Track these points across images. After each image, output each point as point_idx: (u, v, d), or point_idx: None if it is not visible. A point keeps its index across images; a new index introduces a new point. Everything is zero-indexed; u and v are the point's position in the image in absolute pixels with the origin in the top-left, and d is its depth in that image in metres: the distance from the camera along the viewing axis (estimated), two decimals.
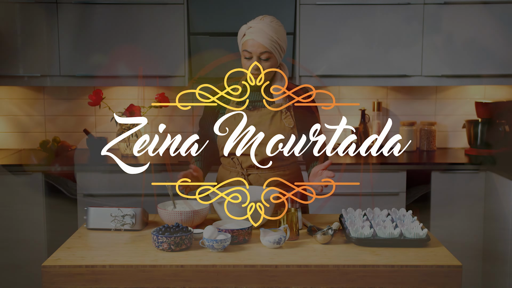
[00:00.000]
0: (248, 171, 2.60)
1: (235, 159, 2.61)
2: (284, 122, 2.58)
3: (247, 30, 2.50)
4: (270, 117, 2.57)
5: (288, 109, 2.59)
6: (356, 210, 2.45)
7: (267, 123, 2.56)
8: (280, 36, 2.50)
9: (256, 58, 2.49)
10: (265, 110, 2.58)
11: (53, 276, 2.01)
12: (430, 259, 2.06)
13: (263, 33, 2.46)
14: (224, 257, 2.06)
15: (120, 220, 2.33)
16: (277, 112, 2.58)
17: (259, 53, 2.48)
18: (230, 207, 2.30)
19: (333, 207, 3.71)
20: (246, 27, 2.52)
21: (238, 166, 2.61)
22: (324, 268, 2.00)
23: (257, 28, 2.48)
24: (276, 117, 2.58)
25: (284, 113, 2.59)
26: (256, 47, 2.47)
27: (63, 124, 4.25)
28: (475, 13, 3.83)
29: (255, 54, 2.48)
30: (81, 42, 3.84)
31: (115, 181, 3.68)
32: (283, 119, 2.58)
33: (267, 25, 2.48)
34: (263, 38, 2.46)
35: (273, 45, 2.48)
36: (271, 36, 2.47)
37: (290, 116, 2.59)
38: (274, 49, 2.49)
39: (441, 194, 3.72)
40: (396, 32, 3.86)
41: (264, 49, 2.47)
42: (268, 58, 2.49)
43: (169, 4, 3.81)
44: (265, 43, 2.46)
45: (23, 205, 3.65)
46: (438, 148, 4.29)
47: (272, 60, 2.51)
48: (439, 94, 4.28)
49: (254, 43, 2.47)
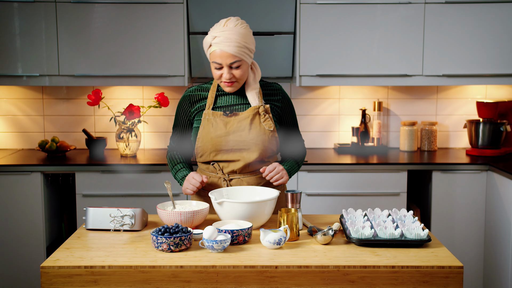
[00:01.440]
0: (230, 176, 2.57)
1: (216, 165, 2.57)
2: (264, 125, 2.53)
3: (213, 40, 2.43)
4: (249, 122, 2.52)
5: (266, 112, 2.55)
6: (357, 210, 2.45)
7: (246, 128, 2.52)
8: (248, 40, 2.45)
9: (226, 68, 2.45)
10: (243, 115, 2.53)
11: (51, 277, 2.00)
12: (431, 259, 2.05)
13: (230, 41, 2.40)
14: (224, 258, 2.05)
15: (119, 221, 2.33)
16: (256, 115, 2.53)
17: (229, 63, 2.43)
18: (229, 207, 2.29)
19: (333, 207, 3.71)
20: (211, 37, 2.44)
21: (219, 171, 2.57)
22: (325, 268, 1.99)
23: (224, 38, 2.40)
24: (255, 121, 2.53)
25: (263, 116, 2.54)
26: (225, 57, 2.42)
27: (62, 124, 4.24)
28: (476, 12, 3.83)
29: (225, 64, 2.44)
30: (80, 41, 3.83)
31: (114, 182, 3.67)
32: (262, 122, 2.53)
33: (233, 31, 2.41)
34: (231, 47, 2.40)
35: (242, 51, 2.43)
36: (239, 43, 2.41)
37: (269, 119, 2.54)
38: (243, 55, 2.43)
39: (442, 194, 3.71)
40: (397, 31, 3.85)
41: (234, 59, 2.42)
42: (239, 66, 2.45)
43: (169, 3, 3.80)
44: (234, 52, 2.41)
45: (21, 206, 3.64)
46: (439, 148, 4.28)
47: (243, 66, 2.47)
48: (440, 93, 4.27)
49: (222, 53, 2.41)
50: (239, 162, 2.54)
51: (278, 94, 2.63)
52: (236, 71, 2.46)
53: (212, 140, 2.52)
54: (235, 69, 2.46)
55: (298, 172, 3.68)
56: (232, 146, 2.52)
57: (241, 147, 2.52)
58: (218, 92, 2.58)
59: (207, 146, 2.53)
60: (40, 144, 3.93)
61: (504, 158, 3.89)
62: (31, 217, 3.65)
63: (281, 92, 2.64)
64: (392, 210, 2.44)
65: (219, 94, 2.58)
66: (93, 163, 3.72)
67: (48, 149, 3.91)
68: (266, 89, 2.62)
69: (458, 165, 3.72)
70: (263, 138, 2.53)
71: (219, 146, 2.52)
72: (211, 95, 2.57)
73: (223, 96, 2.58)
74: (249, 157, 2.53)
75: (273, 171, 2.49)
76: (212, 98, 2.57)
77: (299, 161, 2.68)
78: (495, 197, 3.59)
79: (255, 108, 2.53)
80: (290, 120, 2.67)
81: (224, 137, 2.51)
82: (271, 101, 2.60)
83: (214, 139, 2.52)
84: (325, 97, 4.25)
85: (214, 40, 2.42)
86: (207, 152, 2.55)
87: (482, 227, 3.72)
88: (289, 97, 2.67)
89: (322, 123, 4.28)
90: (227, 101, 2.58)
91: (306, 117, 4.26)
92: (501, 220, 3.51)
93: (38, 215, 3.65)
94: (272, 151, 2.59)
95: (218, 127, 2.52)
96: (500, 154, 3.97)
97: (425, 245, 2.18)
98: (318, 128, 4.28)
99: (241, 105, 2.57)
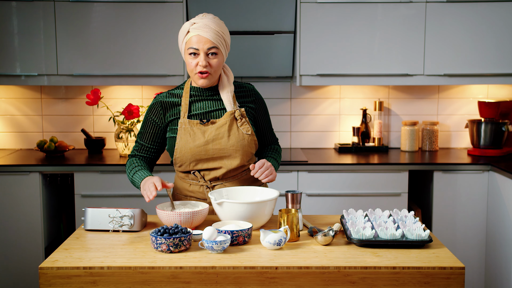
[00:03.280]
0: (212, 183, 2.54)
1: (197, 173, 2.53)
2: (242, 130, 2.50)
3: (191, 26, 2.42)
4: (227, 129, 2.48)
5: (242, 115, 2.51)
6: (358, 211, 2.44)
7: (225, 136, 2.48)
8: (224, 31, 2.45)
9: (203, 54, 2.42)
10: (220, 122, 2.49)
11: (50, 278, 1.99)
12: (432, 260, 2.04)
13: (208, 28, 2.39)
14: (224, 259, 2.04)
15: (118, 221, 2.31)
16: (233, 121, 2.50)
17: (207, 49, 2.40)
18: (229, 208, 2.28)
19: (334, 208, 3.69)
20: (189, 23, 2.42)
21: (201, 179, 2.54)
22: (325, 269, 1.98)
23: (202, 24, 2.40)
24: (233, 127, 2.50)
25: (240, 120, 2.51)
26: (203, 43, 2.40)
27: (60, 123, 4.22)
28: (478, 11, 3.81)
29: (202, 50, 2.40)
30: (79, 41, 3.81)
31: (113, 182, 3.66)
32: (239, 127, 2.50)
33: (211, 20, 2.41)
34: (209, 33, 2.39)
35: (220, 40, 2.42)
36: (217, 31, 2.41)
37: (246, 123, 2.51)
38: (221, 44, 2.42)
39: (443, 194, 3.70)
40: (398, 30, 3.84)
41: (212, 44, 2.40)
42: (216, 54, 2.43)
43: (168, 2, 3.79)
44: (212, 38, 2.39)
45: (20, 206, 3.62)
46: (441, 148, 4.27)
47: (219, 57, 2.44)
48: (442, 93, 4.25)
49: (200, 38, 2.39)
50: (220, 169, 2.51)
51: (251, 95, 2.60)
52: (212, 60, 2.43)
53: (191, 151, 2.47)
54: (212, 57, 2.42)
55: (298, 172, 3.67)
56: (212, 154, 2.48)
57: (222, 154, 2.49)
58: (191, 98, 2.52)
59: (186, 156, 2.48)
60: (39, 144, 3.92)
61: (506, 158, 3.88)
62: (30, 217, 3.63)
63: (254, 92, 2.61)
64: (393, 210, 2.43)
65: (193, 100, 2.52)
66: (92, 163, 3.71)
67: (46, 149, 3.89)
68: (239, 91, 2.58)
69: (460, 165, 3.70)
70: (242, 143, 2.50)
71: (198, 156, 2.48)
72: (184, 102, 2.51)
73: (197, 103, 2.52)
74: (231, 163, 2.50)
75: (263, 167, 2.44)
76: (186, 106, 2.50)
77: (278, 159, 2.66)
78: (497, 198, 3.57)
79: (231, 113, 2.49)
80: (264, 120, 2.65)
81: (204, 146, 2.46)
82: (245, 103, 2.57)
83: (193, 149, 2.47)
84: (326, 96, 4.24)
85: (193, 26, 2.40)
86: (186, 162, 2.50)
87: (484, 228, 3.71)
88: (261, 97, 2.65)
89: (323, 123, 4.26)
90: (202, 107, 2.52)
91: (307, 117, 4.24)
92: (503, 221, 3.50)
93: (37, 215, 3.64)
94: (251, 154, 2.57)
95: (196, 136, 2.47)
96: (502, 154, 3.95)
97: (426, 245, 2.17)
98: (318, 128, 4.26)
99: (216, 111, 2.52)
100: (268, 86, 4.19)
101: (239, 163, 2.51)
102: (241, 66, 3.83)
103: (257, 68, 3.94)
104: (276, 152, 2.68)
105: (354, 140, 4.15)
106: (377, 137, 4.16)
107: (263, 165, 2.44)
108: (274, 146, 2.71)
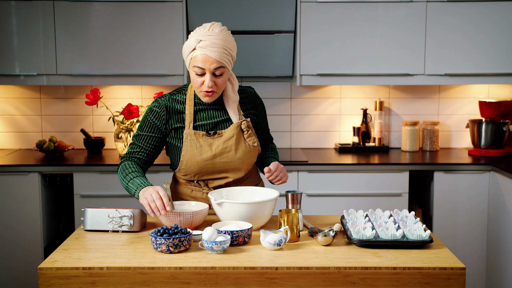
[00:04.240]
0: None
1: (200, 182, 2.51)
2: (248, 142, 2.48)
3: (198, 44, 2.30)
4: (234, 142, 2.44)
5: (248, 127, 2.48)
6: (358, 211, 2.43)
7: (233, 149, 2.44)
8: (231, 46, 2.35)
9: (209, 75, 2.33)
10: (226, 135, 2.44)
11: (49, 278, 1.98)
12: (433, 261, 2.03)
13: (215, 47, 2.28)
14: (224, 259, 2.03)
15: (118, 222, 2.31)
16: (239, 133, 2.46)
17: (213, 68, 2.31)
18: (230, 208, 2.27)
19: (334, 208, 3.69)
20: (195, 40, 2.30)
21: (205, 187, 2.52)
22: (325, 270, 1.98)
23: (209, 42, 2.28)
24: (241, 140, 2.47)
25: (246, 132, 2.47)
26: (210, 62, 2.30)
27: (60, 123, 4.21)
28: (478, 11, 3.80)
29: (209, 70, 2.31)
30: (78, 40, 3.80)
31: (112, 182, 3.65)
32: (246, 139, 2.48)
33: (219, 37, 2.30)
34: (216, 52, 2.29)
35: (227, 58, 2.33)
36: (224, 49, 2.31)
37: (252, 134, 2.48)
38: (227, 62, 2.34)
39: (444, 195, 3.69)
40: (399, 30, 3.83)
41: (219, 64, 2.31)
42: (222, 74, 2.35)
43: (168, 1, 3.78)
44: (219, 57, 2.29)
45: (19, 206, 3.62)
46: (441, 148, 4.26)
47: (225, 75, 2.37)
48: (442, 93, 4.24)
49: (207, 58, 2.29)
50: (225, 179, 2.50)
51: (253, 101, 2.57)
52: (218, 80, 2.35)
53: (198, 164, 2.44)
54: (218, 77, 2.35)
55: (298, 172, 3.67)
56: (218, 167, 2.46)
57: (228, 167, 2.47)
58: (196, 107, 2.46)
59: (191, 169, 2.45)
60: (38, 144, 3.91)
61: (506, 158, 3.87)
62: (29, 218, 3.62)
63: (255, 97, 2.58)
64: (394, 210, 2.43)
65: (198, 109, 2.46)
66: (91, 163, 3.70)
67: (45, 149, 3.88)
68: (241, 97, 2.53)
69: (461, 165, 3.69)
70: (249, 155, 2.49)
71: (205, 169, 2.45)
72: (189, 111, 2.45)
73: (202, 112, 2.46)
74: (236, 175, 2.50)
75: (277, 170, 2.45)
76: (191, 115, 2.44)
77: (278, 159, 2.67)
78: (497, 198, 3.56)
79: (237, 125, 2.46)
80: (263, 122, 2.64)
81: (211, 160, 2.43)
82: (248, 110, 2.54)
83: (200, 163, 2.43)
84: (326, 96, 4.23)
85: (199, 44, 2.30)
86: (191, 174, 2.48)
87: (485, 228, 3.70)
88: (261, 100, 2.62)
89: (323, 123, 4.25)
90: (207, 117, 2.46)
91: (307, 117, 4.24)
92: (504, 221, 3.49)
93: (36, 216, 3.63)
94: (254, 162, 2.56)
95: (203, 150, 2.43)
96: (503, 154, 3.94)
97: (427, 246, 2.16)
98: (318, 128, 4.25)
99: (222, 122, 2.47)
100: (268, 86, 4.18)
101: (244, 174, 2.52)
102: (241, 65, 3.82)
103: (257, 68, 3.93)
104: (275, 152, 2.69)
105: (354, 140, 4.14)
106: (377, 137, 4.15)
107: (277, 168, 2.44)
108: (271, 145, 2.72)
